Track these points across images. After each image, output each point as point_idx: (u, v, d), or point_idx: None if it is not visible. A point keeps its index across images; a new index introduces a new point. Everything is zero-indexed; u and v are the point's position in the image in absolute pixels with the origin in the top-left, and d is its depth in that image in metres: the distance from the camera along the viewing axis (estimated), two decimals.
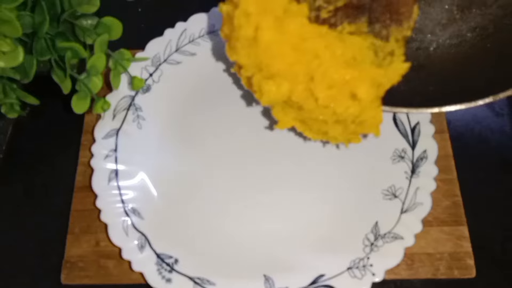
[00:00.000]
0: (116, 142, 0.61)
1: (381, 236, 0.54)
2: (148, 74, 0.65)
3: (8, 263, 0.58)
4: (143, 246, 0.55)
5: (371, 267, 0.52)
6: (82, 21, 0.58)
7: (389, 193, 0.56)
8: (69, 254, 0.57)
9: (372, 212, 0.56)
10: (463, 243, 0.55)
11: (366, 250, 0.53)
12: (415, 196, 0.55)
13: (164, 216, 0.57)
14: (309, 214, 0.57)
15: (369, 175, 0.58)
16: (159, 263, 0.54)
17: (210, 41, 0.67)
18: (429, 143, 0.58)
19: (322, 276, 0.52)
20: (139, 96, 0.64)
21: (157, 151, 0.61)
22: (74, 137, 0.64)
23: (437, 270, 0.54)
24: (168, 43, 0.67)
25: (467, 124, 0.64)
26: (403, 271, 0.54)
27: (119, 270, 0.56)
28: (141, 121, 0.63)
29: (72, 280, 0.56)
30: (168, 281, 0.53)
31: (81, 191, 0.60)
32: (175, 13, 0.72)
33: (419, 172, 0.56)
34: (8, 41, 0.49)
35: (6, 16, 0.48)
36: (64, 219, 0.59)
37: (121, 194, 0.58)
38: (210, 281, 0.53)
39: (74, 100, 0.55)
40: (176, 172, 0.60)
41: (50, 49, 0.54)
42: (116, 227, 0.56)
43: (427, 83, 0.51)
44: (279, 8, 0.44)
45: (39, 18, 0.52)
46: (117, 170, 0.59)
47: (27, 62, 0.53)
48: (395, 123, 0.60)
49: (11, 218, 0.61)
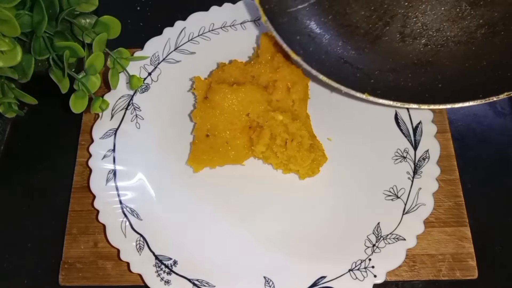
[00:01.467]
0: (114, 142, 0.60)
1: (383, 238, 0.53)
2: (146, 73, 0.65)
3: (6, 263, 0.58)
4: (141, 247, 0.55)
5: (372, 268, 0.52)
6: (80, 20, 0.57)
7: (391, 193, 0.56)
8: (67, 255, 0.56)
9: (374, 213, 0.55)
10: (465, 244, 0.55)
11: (367, 252, 0.53)
12: (417, 197, 0.55)
13: (163, 217, 0.57)
14: (310, 216, 0.56)
15: (370, 175, 0.57)
16: (157, 264, 0.54)
17: (210, 40, 0.67)
18: (431, 143, 0.57)
19: (323, 278, 0.52)
20: (137, 95, 0.64)
21: (155, 151, 0.61)
22: (72, 137, 0.64)
23: (439, 271, 0.54)
24: (167, 42, 0.66)
25: (469, 124, 0.64)
26: (404, 273, 0.54)
27: (118, 271, 0.55)
28: (140, 121, 0.62)
29: (70, 281, 0.55)
30: (167, 283, 0.52)
31: (79, 192, 0.60)
32: (174, 12, 0.72)
33: (421, 172, 0.56)
34: (6, 40, 0.49)
35: (5, 15, 0.47)
36: (62, 219, 0.59)
37: (119, 194, 0.57)
38: (209, 283, 0.53)
39: (72, 100, 0.54)
40: (175, 172, 0.60)
41: (48, 48, 0.54)
42: (114, 228, 0.55)
43: (435, 80, 0.51)
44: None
45: (37, 17, 0.52)
46: (115, 170, 0.59)
47: (26, 62, 0.53)
48: (397, 122, 0.59)
49: (8, 218, 0.61)
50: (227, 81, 0.59)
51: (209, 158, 0.58)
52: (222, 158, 0.58)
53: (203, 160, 0.58)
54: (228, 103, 0.57)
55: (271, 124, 0.55)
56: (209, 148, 0.58)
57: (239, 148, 0.58)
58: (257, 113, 0.57)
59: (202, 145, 0.58)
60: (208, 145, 0.58)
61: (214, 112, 0.57)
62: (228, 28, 0.67)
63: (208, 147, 0.58)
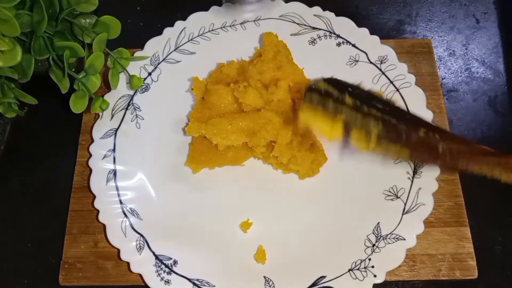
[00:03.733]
0: (114, 142, 0.60)
1: (383, 237, 0.53)
2: (147, 73, 0.65)
3: (5, 263, 0.58)
4: (141, 247, 0.55)
5: (372, 268, 0.52)
6: (80, 20, 0.57)
7: (391, 193, 0.56)
8: (67, 255, 0.56)
9: (374, 213, 0.55)
10: (465, 244, 0.55)
11: (367, 252, 0.53)
12: (417, 197, 0.55)
13: (163, 217, 0.57)
14: (309, 216, 0.56)
15: (370, 175, 0.57)
16: (158, 264, 0.54)
17: (210, 40, 0.67)
18: None
19: (323, 277, 0.52)
20: (137, 95, 0.64)
21: (156, 151, 0.61)
22: (72, 137, 0.64)
23: (439, 271, 0.54)
24: (167, 42, 0.66)
25: (468, 124, 0.64)
26: (404, 273, 0.54)
27: (118, 271, 0.55)
28: (140, 121, 0.62)
29: (70, 281, 0.55)
30: (167, 283, 0.52)
31: (79, 192, 0.60)
32: (174, 12, 0.72)
33: (421, 172, 0.56)
34: (6, 40, 0.49)
35: (5, 15, 0.47)
36: (62, 219, 0.59)
37: (119, 194, 0.57)
38: (209, 283, 0.53)
39: (72, 100, 0.55)
40: (175, 172, 0.60)
41: (48, 48, 0.54)
42: (115, 228, 0.55)
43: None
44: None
45: (37, 17, 0.52)
46: (116, 170, 0.59)
47: (26, 61, 0.53)
48: None
49: (8, 218, 0.61)
50: (224, 81, 0.59)
51: (207, 159, 0.58)
52: (220, 159, 0.58)
53: (202, 161, 0.58)
54: (224, 104, 0.57)
55: (267, 128, 0.55)
56: (207, 149, 0.58)
57: (237, 149, 0.58)
58: (253, 116, 0.57)
59: (200, 146, 0.58)
60: (206, 146, 0.58)
61: (210, 112, 0.57)
62: (228, 28, 0.67)
63: (206, 148, 0.58)
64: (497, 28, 0.71)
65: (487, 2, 0.73)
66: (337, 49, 0.65)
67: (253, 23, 0.67)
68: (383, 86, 0.62)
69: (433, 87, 0.64)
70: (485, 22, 0.72)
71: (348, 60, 0.64)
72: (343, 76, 0.62)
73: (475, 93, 0.66)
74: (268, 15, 0.68)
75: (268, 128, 0.55)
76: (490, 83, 0.67)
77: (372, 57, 0.64)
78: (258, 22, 0.67)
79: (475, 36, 0.71)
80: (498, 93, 0.66)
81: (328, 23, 0.66)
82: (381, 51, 0.64)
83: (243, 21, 0.68)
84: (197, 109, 0.59)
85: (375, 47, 0.64)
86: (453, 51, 0.70)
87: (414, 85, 0.61)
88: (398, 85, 0.61)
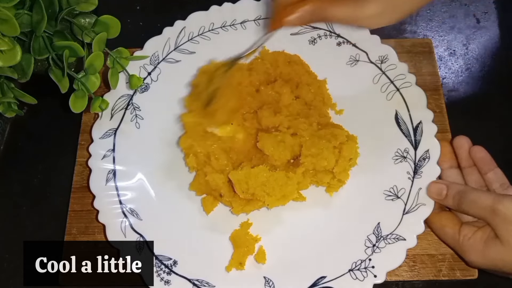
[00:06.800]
0: (114, 142, 0.60)
1: (383, 238, 0.53)
2: (146, 73, 0.65)
3: (6, 263, 0.58)
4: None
5: (372, 268, 0.52)
6: (80, 20, 0.57)
7: (391, 193, 0.56)
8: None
9: (374, 213, 0.55)
10: None
11: (367, 252, 0.53)
12: (417, 197, 0.55)
13: (163, 217, 0.57)
14: (309, 216, 0.56)
15: (371, 175, 0.57)
16: (157, 264, 0.54)
17: (210, 40, 0.67)
18: (432, 143, 0.57)
19: (323, 278, 0.52)
20: (137, 95, 0.63)
21: (155, 151, 0.61)
22: (71, 136, 0.63)
23: (439, 271, 0.54)
24: (167, 42, 0.66)
25: (469, 124, 0.64)
26: (404, 273, 0.54)
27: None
28: (139, 121, 0.62)
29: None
30: (166, 283, 0.52)
31: (79, 192, 0.60)
32: (174, 11, 0.71)
33: (421, 172, 0.56)
34: (6, 40, 0.49)
35: (4, 15, 0.47)
36: (62, 219, 0.59)
37: (119, 194, 0.57)
38: (209, 283, 0.53)
39: (72, 99, 0.54)
40: (175, 172, 0.60)
41: (48, 47, 0.53)
42: (114, 228, 0.55)
43: None
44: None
45: (37, 16, 0.51)
46: (115, 170, 0.59)
47: (25, 61, 0.53)
48: (397, 122, 0.59)
49: (8, 218, 0.61)
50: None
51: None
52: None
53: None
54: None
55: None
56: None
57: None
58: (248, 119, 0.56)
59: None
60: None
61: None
62: (228, 28, 0.67)
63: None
64: (497, 28, 0.71)
65: (487, 2, 0.73)
66: (338, 49, 0.65)
67: (253, 23, 0.67)
68: (383, 85, 0.62)
69: (434, 87, 0.64)
70: (485, 21, 0.72)
71: (348, 59, 0.64)
72: (343, 76, 0.63)
73: (475, 93, 0.66)
74: (268, 14, 0.67)
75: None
76: (490, 83, 0.67)
77: (373, 56, 0.63)
78: (258, 22, 0.67)
79: (476, 36, 0.71)
80: (498, 93, 0.66)
81: (328, 22, 0.66)
82: (381, 51, 0.63)
83: (243, 20, 0.67)
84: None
85: (376, 47, 0.64)
86: (453, 51, 0.70)
87: (414, 85, 0.60)
88: (398, 84, 0.61)
